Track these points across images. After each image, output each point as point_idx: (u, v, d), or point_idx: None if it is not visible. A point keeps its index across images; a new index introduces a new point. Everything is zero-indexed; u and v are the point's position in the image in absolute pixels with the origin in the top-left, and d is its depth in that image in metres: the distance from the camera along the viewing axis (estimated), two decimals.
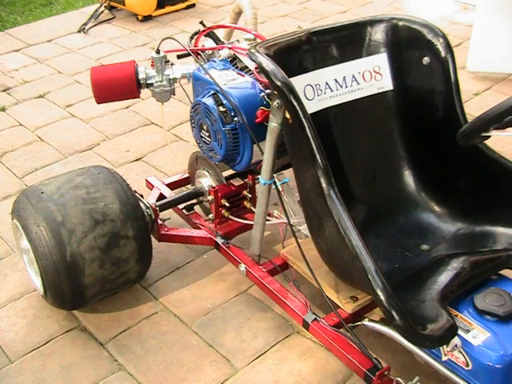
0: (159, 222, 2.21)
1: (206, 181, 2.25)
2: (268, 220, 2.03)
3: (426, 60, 1.85)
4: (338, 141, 1.89)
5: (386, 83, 1.92)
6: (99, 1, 4.86)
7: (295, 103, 1.54)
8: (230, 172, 2.22)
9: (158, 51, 2.17)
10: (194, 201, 2.35)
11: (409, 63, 1.89)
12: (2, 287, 2.28)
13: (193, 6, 4.94)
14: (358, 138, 1.92)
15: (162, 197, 2.36)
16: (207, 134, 2.03)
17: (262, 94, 1.89)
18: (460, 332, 1.48)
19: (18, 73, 4.00)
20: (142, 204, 2.09)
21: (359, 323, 1.75)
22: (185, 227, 2.32)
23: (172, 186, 2.47)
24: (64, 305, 2.05)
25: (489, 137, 1.64)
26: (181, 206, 2.35)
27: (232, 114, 1.93)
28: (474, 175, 1.83)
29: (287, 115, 1.60)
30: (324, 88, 1.84)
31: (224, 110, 1.94)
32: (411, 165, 1.95)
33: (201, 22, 2.31)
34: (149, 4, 4.67)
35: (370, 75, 1.90)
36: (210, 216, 2.24)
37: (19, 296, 2.24)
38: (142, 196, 2.18)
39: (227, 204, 2.16)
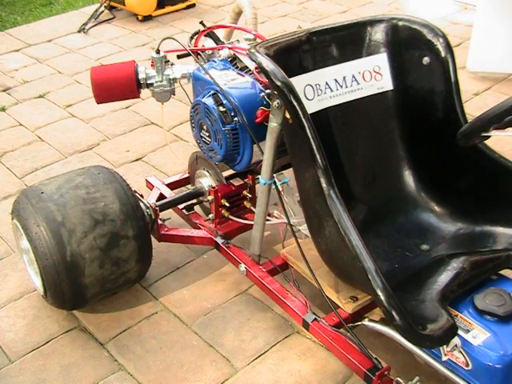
0: (159, 221, 2.21)
1: (206, 181, 2.25)
2: (268, 220, 2.03)
3: (426, 60, 1.85)
4: (338, 141, 1.89)
5: (386, 83, 1.92)
6: (99, 1, 4.86)
7: (295, 103, 1.54)
8: (230, 172, 2.22)
9: (158, 51, 2.17)
10: (194, 201, 2.35)
11: (409, 63, 1.89)
12: (1, 287, 2.28)
13: (193, 6, 4.94)
14: (358, 137, 1.92)
15: (161, 197, 2.36)
16: (207, 134, 2.04)
17: (262, 93, 1.89)
18: (460, 332, 1.48)
19: (18, 73, 4.00)
20: (142, 204, 2.09)
21: (359, 323, 1.74)
22: (185, 227, 2.32)
23: (172, 185, 2.47)
24: (64, 305, 2.05)
25: (489, 137, 1.64)
26: (181, 206, 2.35)
27: (232, 114, 1.93)
28: (474, 175, 1.83)
29: (287, 115, 1.60)
30: (324, 88, 1.84)
31: (224, 110, 1.94)
32: (411, 165, 1.95)
33: (201, 22, 2.31)
34: (149, 4, 4.67)
35: (369, 75, 1.90)
36: (210, 216, 2.24)
37: (19, 296, 2.24)
38: (142, 196, 2.18)
39: (227, 204, 2.16)
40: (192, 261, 2.38)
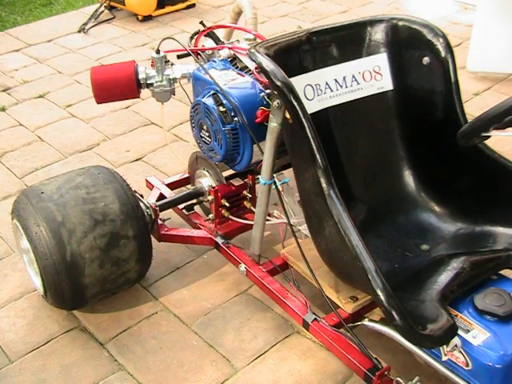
0: (159, 221, 2.21)
1: (206, 181, 2.25)
2: (268, 220, 2.03)
3: (426, 60, 1.85)
4: (338, 141, 1.89)
5: (386, 83, 1.92)
6: (99, 1, 4.86)
7: (295, 103, 1.54)
8: (230, 172, 2.22)
9: (158, 51, 2.17)
10: (194, 201, 2.35)
11: (409, 63, 1.89)
12: (1, 287, 2.28)
13: (193, 6, 4.94)
14: (358, 137, 1.92)
15: (161, 197, 2.36)
16: (207, 134, 2.04)
17: (262, 93, 1.89)
18: (460, 332, 1.48)
19: (18, 73, 4.00)
20: (142, 204, 2.09)
21: (359, 323, 1.74)
22: (185, 227, 2.32)
23: (172, 186, 2.47)
24: (64, 305, 2.05)
25: (489, 137, 1.64)
26: (181, 206, 2.35)
27: (232, 114, 1.93)
28: (474, 175, 1.83)
29: (287, 115, 1.60)
30: (324, 88, 1.84)
31: (224, 110, 1.94)
32: (411, 165, 1.95)
33: (201, 22, 2.31)
34: (149, 4, 4.67)
35: (369, 75, 1.90)
36: (210, 216, 2.24)
37: (19, 296, 2.24)
38: (142, 196, 2.18)
39: (227, 204, 2.16)
40: (192, 261, 2.38)
